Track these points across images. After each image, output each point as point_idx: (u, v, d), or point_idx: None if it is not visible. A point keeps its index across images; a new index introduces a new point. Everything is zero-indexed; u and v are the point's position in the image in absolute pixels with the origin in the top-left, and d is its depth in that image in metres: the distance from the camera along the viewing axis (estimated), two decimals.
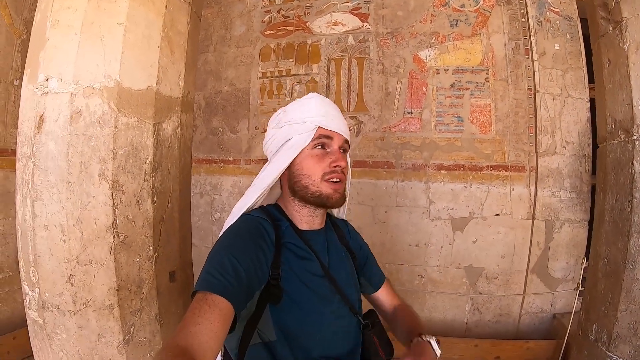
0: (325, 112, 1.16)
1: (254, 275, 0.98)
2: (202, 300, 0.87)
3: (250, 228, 1.10)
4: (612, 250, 2.07)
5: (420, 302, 3.53)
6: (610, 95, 2.13)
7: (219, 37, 4.11)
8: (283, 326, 1.05)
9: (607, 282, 2.08)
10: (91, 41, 1.77)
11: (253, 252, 1.02)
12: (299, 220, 1.20)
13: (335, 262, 1.21)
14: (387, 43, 3.61)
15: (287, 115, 1.19)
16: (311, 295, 1.10)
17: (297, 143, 1.15)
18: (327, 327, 1.11)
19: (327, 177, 1.13)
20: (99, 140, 1.77)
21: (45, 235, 1.78)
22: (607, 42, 2.13)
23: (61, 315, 1.81)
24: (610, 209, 2.11)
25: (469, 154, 3.43)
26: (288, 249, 1.12)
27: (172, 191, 2.03)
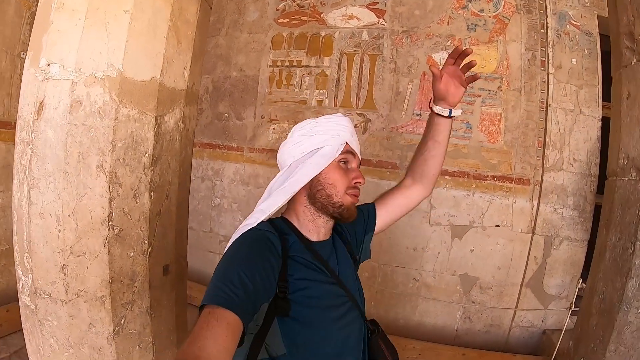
0: (352, 133, 1.22)
1: (261, 288, 0.97)
2: (209, 314, 0.86)
3: (257, 241, 1.09)
4: (609, 289, 2.03)
5: (413, 305, 3.54)
6: (627, 129, 2.05)
7: (231, 21, 4.05)
8: (293, 339, 1.05)
9: (599, 320, 2.05)
10: (95, 28, 1.71)
11: (260, 264, 1.01)
12: (309, 231, 1.22)
13: (344, 269, 1.23)
14: (401, 42, 3.54)
15: (319, 126, 1.21)
16: (320, 306, 1.10)
17: (329, 153, 1.17)
18: (338, 335, 1.12)
19: (349, 191, 1.18)
20: (99, 131, 1.72)
21: (41, 223, 1.76)
22: (629, 74, 2.04)
23: (53, 303, 1.81)
24: (612, 246, 2.06)
25: (475, 162, 3.39)
26: (295, 261, 1.12)
27: (171, 184, 2.00)
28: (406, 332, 3.48)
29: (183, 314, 2.23)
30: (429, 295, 3.52)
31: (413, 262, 3.52)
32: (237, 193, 3.97)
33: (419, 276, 3.52)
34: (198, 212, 4.11)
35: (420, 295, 3.51)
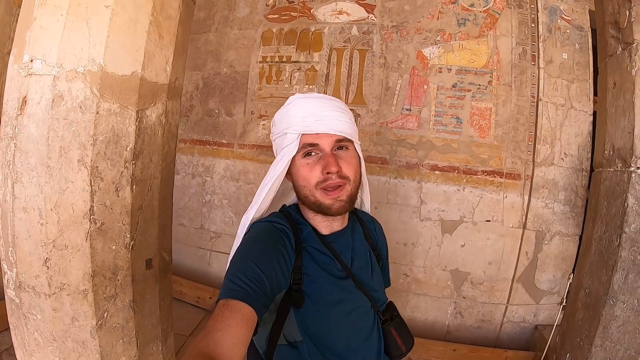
0: (305, 116, 1.10)
1: (275, 280, 0.98)
2: (223, 307, 0.88)
3: (270, 234, 1.09)
4: (595, 283, 2.02)
5: (403, 301, 3.54)
6: (612, 119, 2.04)
7: (221, 17, 4.05)
8: (307, 328, 1.06)
9: (585, 314, 2.04)
10: (77, 23, 1.72)
11: (274, 257, 1.02)
12: (318, 225, 1.19)
13: (359, 261, 1.21)
14: (391, 37, 3.54)
15: (275, 127, 1.18)
16: (333, 298, 1.10)
17: (285, 155, 1.12)
18: (350, 326, 1.12)
19: (321, 185, 1.08)
20: (80, 125, 1.73)
21: (24, 217, 1.77)
22: (615, 63, 2.03)
23: (37, 297, 1.82)
24: (598, 239, 2.05)
25: (465, 156, 3.38)
26: (309, 253, 1.12)
27: (153, 179, 2.00)
28: None
29: (168, 308, 2.24)
30: (420, 290, 3.52)
31: (403, 258, 3.52)
32: (228, 189, 3.98)
33: (410, 272, 3.52)
34: (189, 208, 4.13)
35: (411, 290, 3.51)
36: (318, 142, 1.09)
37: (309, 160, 1.10)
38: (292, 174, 1.15)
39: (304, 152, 1.11)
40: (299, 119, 1.10)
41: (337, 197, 1.08)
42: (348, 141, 1.13)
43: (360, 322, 1.15)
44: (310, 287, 1.07)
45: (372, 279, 1.22)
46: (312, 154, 1.10)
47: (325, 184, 1.07)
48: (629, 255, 1.87)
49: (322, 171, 1.07)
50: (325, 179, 1.07)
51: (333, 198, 1.08)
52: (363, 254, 1.23)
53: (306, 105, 1.12)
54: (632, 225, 1.86)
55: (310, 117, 1.09)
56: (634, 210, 1.86)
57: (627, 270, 1.87)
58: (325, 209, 1.09)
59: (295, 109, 1.13)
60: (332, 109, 1.11)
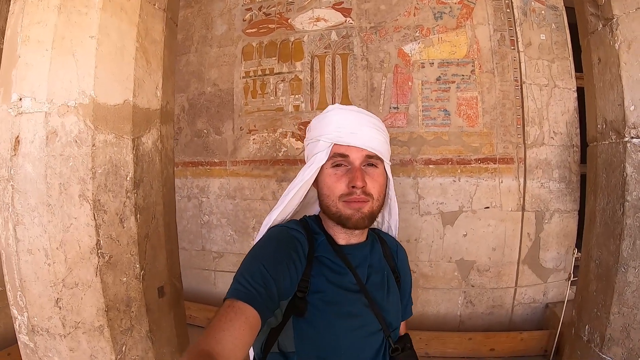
0: (340, 127, 1.10)
1: (282, 286, 0.97)
2: (229, 307, 0.87)
3: (283, 238, 1.08)
4: (604, 253, 2.04)
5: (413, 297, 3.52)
6: (601, 94, 2.07)
7: (200, 37, 4.05)
8: (303, 339, 1.03)
9: (599, 284, 2.06)
10: (63, 57, 1.71)
11: (284, 262, 1.00)
12: (335, 235, 1.16)
13: (375, 278, 1.17)
14: (370, 38, 3.56)
15: (310, 133, 1.18)
16: (338, 311, 1.06)
17: (315, 162, 1.12)
18: (352, 345, 1.07)
19: (345, 198, 1.07)
20: (77, 159, 1.72)
21: (30, 259, 1.74)
22: (597, 40, 2.07)
23: (52, 339, 1.79)
24: (602, 210, 2.07)
25: (457, 147, 3.41)
26: (321, 263, 1.10)
27: (156, 205, 1.99)
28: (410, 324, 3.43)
29: (184, 334, 2.21)
30: (428, 284, 3.53)
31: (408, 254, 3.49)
32: (225, 208, 3.95)
33: (416, 267, 3.52)
34: (188, 231, 4.09)
35: (419, 285, 3.51)
36: (348, 154, 1.09)
37: (337, 171, 1.10)
38: (319, 181, 1.15)
39: (333, 161, 1.10)
40: (334, 129, 1.10)
41: (359, 208, 1.07)
42: (378, 159, 1.13)
43: (365, 342, 1.10)
44: (315, 296, 1.05)
45: (386, 299, 1.16)
46: (341, 165, 1.10)
47: (348, 197, 1.07)
48: (634, 222, 1.90)
49: (347, 184, 1.07)
50: (350, 193, 1.07)
51: (354, 209, 1.07)
52: (380, 272, 1.19)
53: (343, 116, 1.12)
54: (634, 193, 1.89)
55: (345, 128, 1.09)
56: (634, 178, 1.89)
57: (634, 236, 1.90)
58: (345, 220, 1.08)
59: (332, 117, 1.12)
60: (367, 125, 1.11)
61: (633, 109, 1.89)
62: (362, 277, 1.13)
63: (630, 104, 1.89)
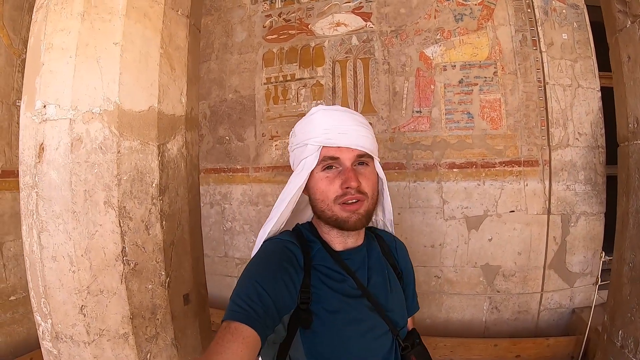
0: (328, 128, 1.07)
1: (281, 301, 0.96)
2: (225, 329, 0.86)
3: (276, 252, 1.06)
4: (638, 256, 1.98)
5: (438, 303, 3.49)
6: (632, 92, 2.01)
7: (220, 44, 4.08)
8: (315, 351, 1.02)
9: (632, 288, 2.00)
10: (87, 64, 1.70)
11: (280, 277, 0.99)
12: (332, 241, 1.14)
13: (376, 279, 1.15)
14: (391, 42, 3.55)
15: (295, 138, 1.14)
16: (344, 319, 1.05)
17: (305, 167, 1.09)
18: (362, 351, 1.06)
19: (340, 200, 1.05)
20: (102, 166, 1.71)
21: (54, 266, 1.73)
22: (626, 37, 2.02)
23: (75, 346, 1.77)
24: (635, 212, 2.01)
25: (481, 150, 3.37)
26: (319, 272, 1.08)
27: (182, 212, 1.97)
28: (434, 330, 3.43)
29: (209, 341, 2.19)
30: (453, 290, 3.48)
31: (432, 260, 3.48)
32: (248, 214, 3.95)
33: (440, 273, 3.48)
34: (211, 238, 4.10)
35: (444, 291, 3.46)
36: (339, 156, 1.06)
37: (328, 173, 1.08)
38: (310, 187, 1.11)
39: (323, 165, 1.08)
40: (321, 131, 1.07)
41: (355, 210, 1.05)
42: (369, 157, 1.11)
43: (375, 345, 1.09)
44: (319, 306, 1.03)
45: (390, 299, 1.15)
46: (332, 168, 1.08)
47: (343, 198, 1.04)
48: None
49: (341, 185, 1.05)
50: (344, 194, 1.04)
51: (350, 211, 1.05)
52: (380, 272, 1.17)
53: (329, 117, 1.10)
54: None
55: (332, 129, 1.07)
56: None
57: None
58: (342, 223, 1.06)
59: (317, 120, 1.10)
60: (354, 124, 1.09)
61: None
62: (363, 280, 1.12)
63: None
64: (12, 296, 3.30)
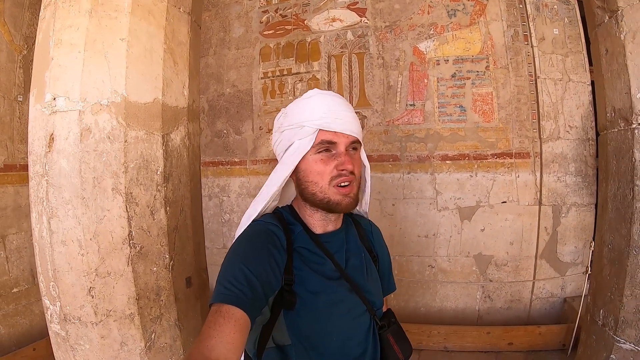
0: (325, 112, 1.07)
1: (266, 282, 0.97)
2: (216, 313, 0.87)
3: (260, 234, 1.07)
4: (616, 237, 2.09)
5: (432, 292, 3.58)
6: (609, 84, 2.13)
7: (218, 39, 4.15)
8: (297, 331, 1.04)
9: (612, 268, 2.11)
10: (95, 58, 1.79)
11: (265, 258, 1.00)
12: (313, 224, 1.16)
13: (353, 262, 1.17)
14: (386, 37, 3.63)
15: (287, 119, 1.13)
16: (325, 300, 1.07)
17: (299, 149, 1.09)
18: (343, 330, 1.10)
19: (334, 182, 1.07)
20: (110, 155, 1.79)
21: (64, 250, 1.81)
22: (604, 32, 2.13)
23: (83, 327, 1.85)
24: (613, 196, 2.13)
25: (473, 143, 3.45)
26: (301, 254, 1.10)
27: (184, 199, 2.06)
28: (429, 319, 3.52)
29: None
30: (447, 279, 3.57)
31: (426, 250, 3.57)
32: (246, 206, 3.90)
33: (434, 262, 3.57)
34: (209, 230, 4.17)
35: (438, 281, 3.55)
36: (337, 140, 1.08)
37: (322, 156, 1.09)
38: (301, 169, 1.11)
39: (319, 148, 1.08)
40: (320, 114, 1.07)
41: (347, 193, 1.08)
42: (358, 143, 1.14)
43: (354, 325, 1.13)
44: (301, 287, 1.05)
45: (367, 281, 1.18)
46: (327, 151, 1.09)
47: (337, 180, 1.07)
48: None
49: (336, 167, 1.07)
50: (338, 175, 1.07)
51: (343, 194, 1.08)
52: (358, 254, 1.20)
53: (326, 101, 1.10)
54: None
55: (329, 114, 1.08)
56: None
57: None
58: (334, 206, 1.08)
59: (315, 103, 1.10)
60: (348, 110, 1.12)
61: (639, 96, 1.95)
62: (341, 262, 1.14)
63: (636, 92, 1.96)
64: (14, 288, 3.35)
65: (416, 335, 3.27)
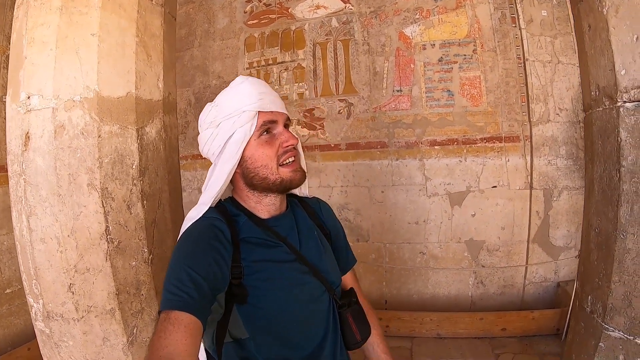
0: (260, 94, 1.07)
1: (213, 280, 0.94)
2: (165, 320, 0.85)
3: (202, 232, 1.04)
4: (603, 221, 2.01)
5: (424, 279, 3.57)
6: (593, 61, 2.05)
7: (202, 31, 4.12)
8: (253, 323, 1.03)
9: (599, 253, 2.03)
10: (67, 55, 1.78)
11: (209, 255, 0.98)
12: (260, 211, 1.14)
13: (307, 242, 1.17)
14: (371, 22, 3.58)
15: (221, 110, 1.09)
16: (280, 285, 1.06)
17: (242, 136, 1.06)
18: (303, 313, 1.09)
19: (282, 160, 1.08)
20: (84, 151, 1.79)
21: (43, 248, 1.82)
22: (587, 7, 2.04)
23: (66, 324, 1.86)
24: (599, 178, 2.05)
25: (462, 127, 3.42)
26: (249, 243, 1.07)
27: (162, 192, 2.05)
28: (421, 306, 3.52)
29: None
30: (438, 266, 3.56)
31: (417, 236, 3.56)
32: None
33: (425, 249, 3.56)
34: None
35: (430, 267, 3.55)
36: (277, 119, 1.10)
37: (266, 137, 1.09)
38: (246, 158, 1.09)
39: (263, 130, 1.08)
40: (257, 97, 1.06)
41: (296, 168, 1.11)
42: (289, 120, 1.17)
43: (314, 307, 1.12)
44: (253, 278, 1.03)
45: (323, 259, 1.17)
46: (268, 132, 1.09)
47: (284, 156, 1.08)
48: (631, 187, 1.85)
49: (281, 145, 1.09)
50: (285, 152, 1.08)
51: (294, 170, 1.10)
52: (311, 234, 1.20)
53: (257, 85, 1.10)
54: (629, 157, 1.84)
55: (264, 95, 1.08)
56: (628, 142, 1.85)
57: (632, 202, 1.85)
58: (288, 183, 1.10)
59: (249, 87, 1.08)
60: (272, 89, 1.14)
61: (624, 73, 1.85)
62: (295, 244, 1.13)
63: (620, 68, 1.86)
64: (7, 289, 3.35)
65: (409, 322, 3.27)
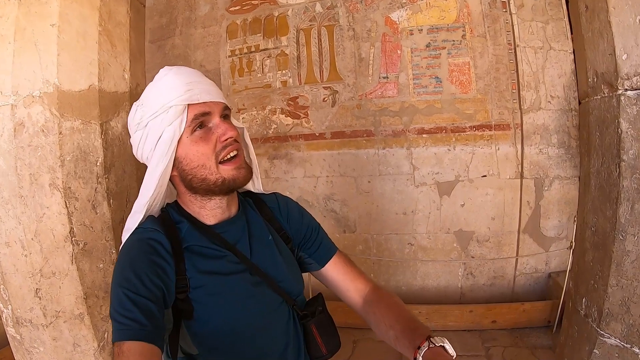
0: (188, 84, 0.94)
1: (156, 299, 0.87)
2: (119, 355, 0.80)
3: (139, 249, 0.95)
4: (600, 219, 1.89)
5: (412, 270, 3.53)
6: (590, 45, 1.89)
7: (184, 19, 4.00)
8: (201, 339, 0.96)
9: (595, 254, 1.92)
10: (26, 48, 1.70)
11: (148, 272, 0.89)
12: (205, 216, 1.03)
13: (259, 249, 1.06)
14: (356, 7, 3.47)
15: (147, 109, 0.96)
16: (227, 300, 0.97)
17: (171, 135, 0.93)
18: (255, 328, 1.00)
19: (221, 156, 0.95)
20: (45, 149, 1.71)
21: (8, 252, 1.77)
22: None
23: (35, 329, 1.82)
24: (596, 172, 1.91)
25: (450, 115, 3.34)
26: (193, 253, 0.98)
27: (130, 189, 2.00)
28: (410, 298, 3.46)
29: None
30: (427, 257, 3.50)
31: (405, 227, 3.50)
32: None
33: (414, 240, 3.50)
34: None
35: (418, 259, 3.49)
36: (210, 110, 0.95)
37: (200, 133, 0.95)
38: (180, 159, 0.97)
39: (195, 125, 0.94)
40: (183, 89, 0.93)
41: (239, 165, 0.98)
42: (229, 110, 1.02)
43: (270, 319, 1.03)
44: (198, 292, 0.95)
45: (280, 268, 1.07)
46: (202, 127, 0.95)
47: (224, 152, 0.95)
48: (632, 184, 1.70)
49: (219, 139, 0.95)
50: (224, 147, 0.95)
51: (236, 167, 0.97)
52: (264, 239, 1.08)
53: (183, 74, 0.97)
54: (630, 151, 1.69)
55: (193, 85, 0.94)
56: (630, 134, 1.69)
57: (632, 200, 1.71)
58: (231, 183, 0.97)
59: (174, 78, 0.95)
60: (205, 78, 1.01)
61: (625, 57, 1.68)
62: (245, 252, 1.03)
63: (622, 53, 1.68)
64: None
65: None
